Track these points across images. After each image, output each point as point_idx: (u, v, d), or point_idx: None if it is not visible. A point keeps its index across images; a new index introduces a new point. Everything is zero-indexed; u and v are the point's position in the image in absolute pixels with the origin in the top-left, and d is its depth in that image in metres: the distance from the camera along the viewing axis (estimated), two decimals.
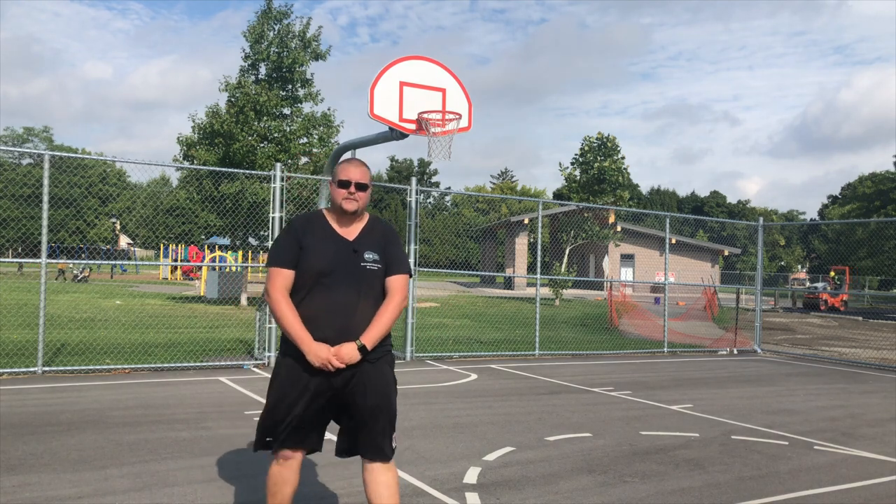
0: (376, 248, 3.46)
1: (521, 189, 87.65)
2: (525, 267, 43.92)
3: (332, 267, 3.35)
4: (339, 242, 3.43)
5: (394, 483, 3.44)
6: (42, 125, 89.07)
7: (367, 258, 3.41)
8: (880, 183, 67.55)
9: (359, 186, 3.44)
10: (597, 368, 11.43)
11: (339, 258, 3.38)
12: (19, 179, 50.59)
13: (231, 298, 23.86)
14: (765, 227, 15.74)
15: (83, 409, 6.99)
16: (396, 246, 3.53)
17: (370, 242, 3.46)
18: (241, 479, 4.85)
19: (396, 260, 3.49)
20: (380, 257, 3.45)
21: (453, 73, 10.21)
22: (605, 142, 34.06)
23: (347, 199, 3.43)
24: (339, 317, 3.32)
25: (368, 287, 3.39)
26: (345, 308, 3.34)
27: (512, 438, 6.27)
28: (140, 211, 54.81)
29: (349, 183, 3.43)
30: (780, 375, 11.33)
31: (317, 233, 3.44)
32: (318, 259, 3.35)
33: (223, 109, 22.17)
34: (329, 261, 3.36)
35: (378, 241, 3.49)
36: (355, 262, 3.39)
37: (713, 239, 67.72)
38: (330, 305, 3.33)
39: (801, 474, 5.45)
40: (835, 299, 35.03)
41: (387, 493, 3.41)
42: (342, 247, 3.41)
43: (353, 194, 3.44)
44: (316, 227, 3.46)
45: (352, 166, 3.48)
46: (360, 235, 3.47)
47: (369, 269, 3.40)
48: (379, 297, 3.44)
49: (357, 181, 3.44)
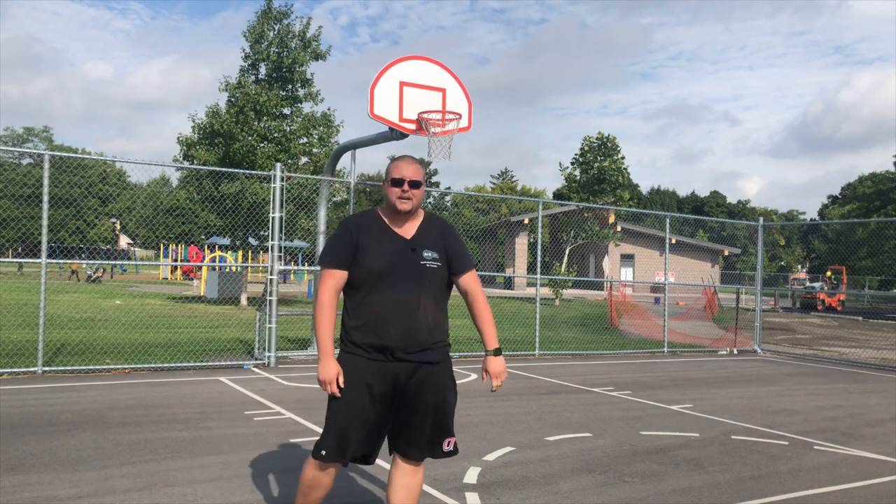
0: (435, 245, 3.41)
1: (521, 189, 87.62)
2: (525, 267, 43.92)
3: (392, 267, 3.29)
4: (396, 241, 3.36)
5: (416, 487, 3.43)
6: (42, 125, 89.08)
7: (426, 256, 3.36)
8: (880, 183, 67.56)
9: (412, 184, 3.35)
10: (597, 368, 11.43)
11: (397, 257, 3.32)
12: (19, 179, 50.57)
13: (231, 298, 23.86)
14: (765, 227, 15.73)
15: (83, 409, 6.99)
16: (457, 241, 3.49)
17: (428, 240, 3.41)
18: (241, 479, 4.85)
19: (461, 255, 3.47)
20: (439, 255, 3.40)
21: (453, 73, 10.21)
22: (605, 142, 34.07)
23: (401, 199, 3.35)
24: (402, 317, 3.28)
25: (429, 285, 3.36)
26: (406, 308, 3.29)
27: (512, 438, 6.26)
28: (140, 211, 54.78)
29: (402, 181, 3.35)
30: (780, 375, 11.33)
31: (373, 231, 3.36)
32: (376, 259, 3.29)
33: (223, 109, 22.17)
34: (388, 261, 3.29)
35: (436, 238, 3.43)
36: (415, 260, 3.34)
37: (713, 239, 67.70)
38: (392, 305, 3.27)
39: (801, 474, 5.45)
40: (832, 299, 34.98)
41: (405, 496, 3.41)
42: (400, 246, 3.35)
43: (407, 192, 3.35)
44: (372, 226, 3.38)
45: (404, 163, 3.39)
46: (417, 233, 3.41)
47: (429, 267, 3.35)
48: (439, 293, 3.41)
49: (410, 179, 3.35)
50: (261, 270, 34.24)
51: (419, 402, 3.33)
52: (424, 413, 3.34)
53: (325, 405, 3.43)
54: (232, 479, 4.86)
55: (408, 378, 3.31)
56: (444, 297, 3.45)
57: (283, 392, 8.25)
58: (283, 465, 5.23)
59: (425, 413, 3.34)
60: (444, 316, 3.47)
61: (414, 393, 3.33)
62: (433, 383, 3.35)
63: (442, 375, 3.39)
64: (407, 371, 3.31)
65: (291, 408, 7.30)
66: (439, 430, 3.38)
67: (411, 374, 3.31)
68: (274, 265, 10.44)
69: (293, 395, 8.09)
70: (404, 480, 3.42)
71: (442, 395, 3.38)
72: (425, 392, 3.33)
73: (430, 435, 3.37)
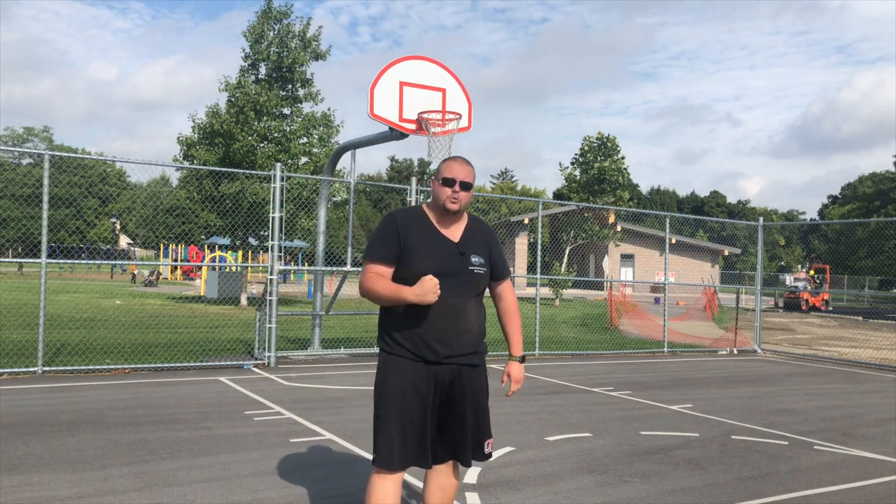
0: (481, 250, 3.41)
1: (521, 189, 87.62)
2: (525, 267, 43.92)
3: (440, 270, 3.24)
4: (444, 244, 3.32)
5: (451, 488, 3.46)
6: (42, 125, 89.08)
7: (474, 261, 3.35)
8: (880, 183, 67.55)
9: (463, 186, 3.31)
10: (597, 368, 11.43)
11: (446, 261, 3.28)
12: (19, 179, 50.56)
13: (231, 298, 23.86)
14: (765, 227, 15.73)
15: (83, 409, 6.99)
16: (499, 248, 3.52)
17: (475, 244, 3.39)
18: (241, 479, 4.85)
19: (502, 263, 3.52)
20: (485, 260, 3.41)
21: (453, 73, 10.21)
22: (605, 142, 34.06)
23: (451, 199, 3.31)
24: (450, 321, 3.27)
25: (475, 289, 3.38)
26: (454, 312, 3.28)
27: (512, 438, 6.26)
28: (140, 211, 54.78)
29: (454, 181, 3.30)
30: (780, 375, 11.33)
31: (420, 232, 3.31)
32: (425, 261, 3.24)
33: (223, 109, 22.17)
34: (437, 263, 3.25)
35: (482, 242, 3.43)
36: (463, 265, 3.31)
37: (713, 239, 67.64)
38: (440, 309, 3.24)
39: (801, 474, 5.45)
40: (815, 298, 34.79)
41: (440, 496, 3.45)
42: (449, 249, 3.32)
43: (457, 193, 3.31)
44: (419, 225, 3.33)
45: (457, 164, 3.35)
46: (464, 236, 3.38)
47: (476, 272, 3.35)
48: (480, 299, 3.46)
49: (462, 180, 3.31)
50: (261, 270, 34.23)
51: (462, 405, 3.35)
52: (465, 416, 3.36)
53: (325, 405, 3.46)
54: (232, 479, 4.86)
55: (451, 381, 3.33)
56: (482, 302, 3.50)
57: (283, 392, 8.25)
58: (283, 465, 5.23)
59: (468, 415, 3.37)
60: (484, 319, 3.51)
61: (456, 395, 3.35)
62: (474, 386, 3.40)
63: (481, 378, 3.46)
64: (450, 373, 3.32)
65: (291, 408, 7.30)
66: (481, 431, 3.42)
67: (454, 377, 3.33)
68: (274, 265, 10.44)
69: (293, 395, 8.09)
70: (439, 481, 3.44)
71: (483, 397, 3.45)
72: (466, 394, 3.36)
73: (473, 437, 3.39)
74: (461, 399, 3.34)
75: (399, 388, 3.24)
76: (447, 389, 3.33)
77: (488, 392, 3.51)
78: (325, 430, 6.37)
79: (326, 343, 12.45)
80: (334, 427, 6.47)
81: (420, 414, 3.26)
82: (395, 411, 3.23)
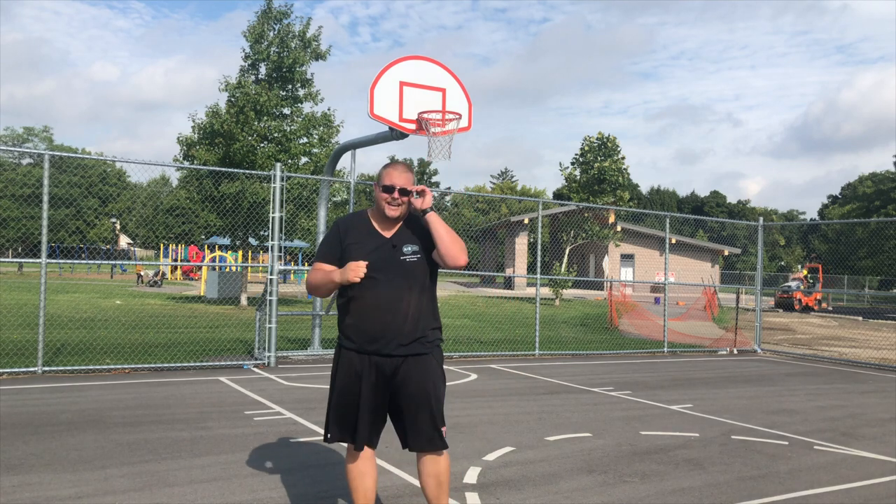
0: (415, 239, 3.54)
1: (521, 189, 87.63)
2: (525, 267, 43.91)
3: (374, 265, 3.44)
4: (378, 240, 3.52)
5: (443, 473, 3.59)
6: (42, 125, 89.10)
7: (406, 251, 3.49)
8: (880, 183, 67.51)
9: (402, 192, 3.49)
10: (597, 368, 11.43)
11: (379, 256, 3.47)
12: (19, 179, 50.54)
13: (231, 298, 23.86)
14: (765, 227, 15.73)
15: (83, 409, 6.99)
16: None
17: (408, 236, 3.54)
18: (241, 479, 4.85)
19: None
20: (419, 247, 3.52)
21: (453, 73, 10.20)
22: (605, 142, 34.05)
23: (390, 206, 3.50)
24: (386, 313, 3.44)
25: (412, 279, 3.50)
26: (390, 304, 3.45)
27: (512, 438, 6.26)
28: (140, 211, 54.78)
29: (393, 188, 3.48)
30: (780, 375, 11.33)
31: (359, 232, 3.55)
32: (358, 258, 3.44)
33: (223, 109, 22.17)
34: (370, 258, 3.44)
35: (417, 232, 3.56)
36: (395, 257, 3.48)
37: (713, 239, 67.66)
38: (376, 302, 3.44)
39: (801, 474, 5.45)
40: (808, 298, 34.74)
41: (433, 484, 3.58)
42: (381, 244, 3.51)
43: (397, 199, 3.49)
44: (359, 227, 3.57)
45: (395, 171, 3.53)
46: (398, 231, 3.56)
47: (409, 261, 3.49)
48: (424, 286, 3.54)
49: (401, 187, 3.48)
50: (261, 270, 34.24)
51: (408, 394, 3.50)
52: (416, 404, 3.50)
53: (324, 405, 3.49)
54: (232, 479, 4.86)
55: (394, 371, 3.49)
56: (429, 288, 3.59)
57: (283, 392, 8.25)
58: (283, 465, 5.23)
59: (417, 404, 3.50)
60: (431, 306, 3.61)
61: (402, 385, 3.50)
62: (421, 374, 3.51)
63: (430, 366, 3.55)
64: (393, 364, 3.48)
65: (291, 408, 7.30)
66: (430, 420, 3.53)
67: (397, 367, 3.49)
68: (274, 265, 10.44)
69: (293, 395, 8.09)
70: (428, 469, 3.59)
71: (432, 385, 3.53)
72: (412, 383, 3.49)
73: (427, 425, 3.52)
74: (407, 388, 3.50)
75: (346, 375, 3.53)
76: (393, 379, 3.50)
77: (444, 379, 3.65)
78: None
79: (326, 343, 12.45)
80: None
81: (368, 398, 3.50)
82: (341, 395, 3.54)
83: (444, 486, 3.59)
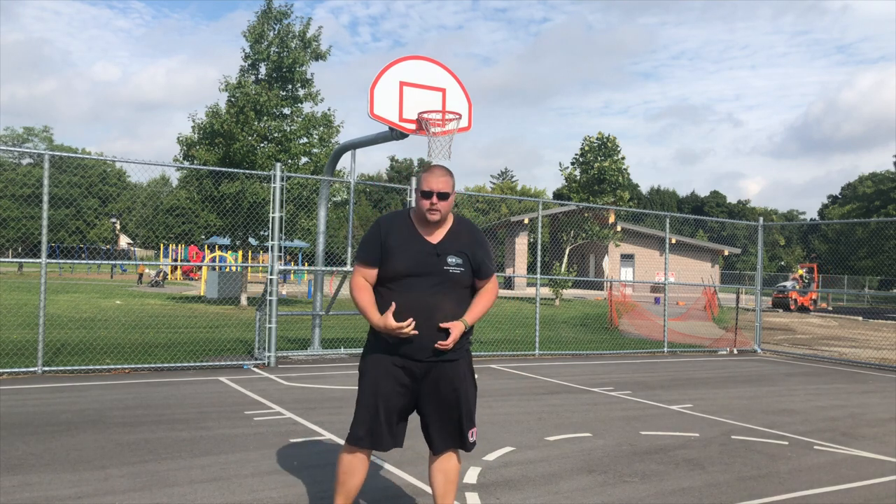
0: (461, 251, 3.55)
1: (521, 189, 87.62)
2: (525, 267, 43.91)
3: (416, 270, 3.46)
4: (422, 245, 3.52)
5: (452, 471, 3.65)
6: (42, 125, 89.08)
7: (450, 262, 3.51)
8: (880, 183, 67.48)
9: (440, 196, 3.50)
10: (597, 368, 11.43)
11: (422, 261, 3.48)
12: (19, 179, 50.53)
13: (231, 298, 23.86)
14: (765, 227, 15.73)
15: (83, 409, 6.99)
16: (483, 248, 3.63)
17: (455, 246, 3.56)
18: (241, 479, 4.85)
19: (485, 263, 3.63)
20: (463, 261, 3.54)
21: (453, 73, 10.21)
22: (605, 142, 34.06)
23: (430, 211, 3.51)
24: (421, 318, 3.44)
25: (451, 289, 3.51)
26: (426, 309, 3.45)
27: (512, 438, 6.26)
28: (140, 211, 54.77)
29: (431, 193, 3.50)
30: (780, 375, 11.33)
31: (402, 234, 3.53)
32: (401, 261, 3.46)
33: (223, 109, 22.17)
34: (412, 263, 3.47)
35: (464, 244, 3.58)
36: (439, 265, 3.50)
37: (713, 239, 67.67)
38: (413, 306, 3.44)
39: (801, 474, 5.45)
40: (804, 298, 34.71)
41: (442, 480, 3.64)
42: (425, 249, 3.51)
43: (436, 205, 3.50)
44: (401, 229, 3.56)
45: (433, 176, 3.52)
46: (444, 239, 3.57)
47: (451, 272, 3.51)
48: (462, 297, 3.57)
49: (439, 191, 3.49)
50: (261, 270, 34.24)
51: (437, 398, 3.55)
52: (444, 408, 3.56)
53: (325, 405, 3.50)
54: (232, 479, 4.86)
55: (424, 375, 3.52)
56: (466, 299, 3.61)
57: (283, 392, 8.25)
58: (283, 465, 5.23)
59: (445, 408, 3.56)
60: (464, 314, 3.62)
61: (432, 390, 3.54)
62: (450, 379, 3.55)
63: (459, 371, 3.58)
64: (423, 369, 3.51)
65: (291, 408, 7.30)
66: (461, 421, 3.58)
67: (427, 372, 3.51)
68: (274, 265, 10.44)
69: (293, 395, 8.09)
70: (438, 466, 3.66)
71: (462, 390, 3.57)
72: (442, 388, 3.53)
73: (454, 427, 3.58)
74: (437, 391, 3.54)
75: (379, 376, 3.52)
76: (423, 384, 3.53)
77: (475, 383, 3.69)
78: (325, 430, 6.37)
79: (326, 343, 12.45)
80: (334, 427, 6.46)
81: (397, 401, 3.52)
82: (371, 396, 3.52)
83: (451, 484, 3.64)
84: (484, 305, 3.62)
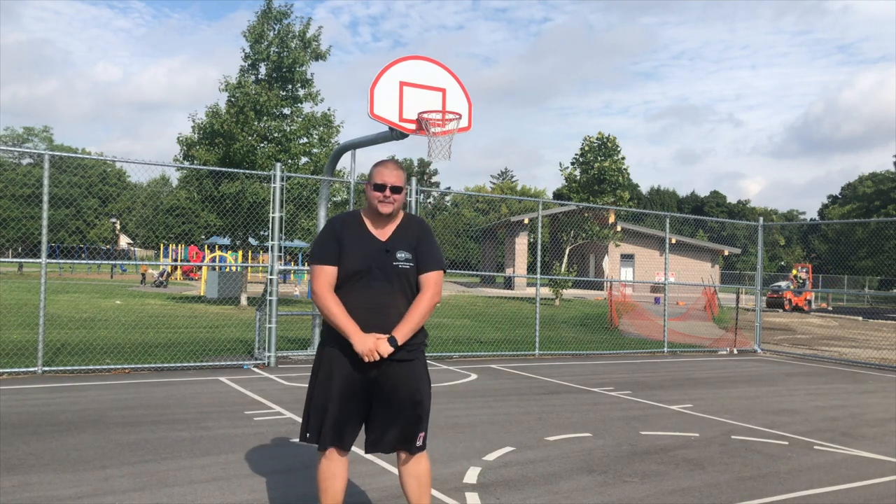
0: (409, 246, 3.55)
1: (521, 189, 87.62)
2: (525, 267, 43.91)
3: (366, 267, 3.46)
4: (372, 243, 3.53)
5: (424, 475, 3.60)
6: (42, 125, 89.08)
7: (399, 257, 3.51)
8: (880, 183, 67.49)
9: (394, 189, 3.53)
10: (597, 368, 11.43)
11: (371, 258, 3.48)
12: (19, 179, 50.51)
13: (231, 298, 23.86)
14: (765, 227, 15.73)
15: (83, 409, 6.99)
16: (429, 243, 3.60)
17: (403, 242, 3.56)
18: (241, 479, 4.85)
19: (429, 256, 3.58)
20: (412, 255, 3.54)
21: (453, 73, 10.20)
22: (605, 142, 34.06)
23: (383, 203, 3.53)
24: (374, 315, 3.44)
25: (401, 285, 3.50)
26: (379, 307, 3.45)
27: (512, 438, 6.26)
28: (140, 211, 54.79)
29: (384, 186, 3.52)
30: (780, 375, 11.33)
31: (353, 232, 3.55)
32: (352, 259, 3.47)
33: (223, 109, 22.17)
34: (363, 261, 3.47)
35: (411, 239, 3.58)
36: (388, 261, 3.49)
37: (713, 239, 67.68)
38: (365, 305, 3.44)
39: (801, 474, 5.45)
40: (798, 298, 34.67)
41: (415, 485, 3.59)
42: (375, 247, 3.51)
43: (389, 197, 3.53)
44: (352, 227, 3.57)
45: (386, 169, 3.57)
46: (392, 235, 3.58)
47: (401, 268, 3.50)
48: (413, 293, 3.55)
49: (392, 184, 3.53)
50: (261, 270, 34.24)
51: (390, 398, 3.49)
52: (397, 408, 3.50)
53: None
54: (232, 479, 4.86)
55: (378, 374, 3.47)
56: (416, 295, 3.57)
57: (283, 392, 8.25)
58: (283, 465, 5.23)
59: (398, 408, 3.50)
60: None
61: (385, 389, 3.49)
62: (405, 379, 3.50)
63: (414, 371, 3.53)
64: (377, 367, 3.46)
65: (291, 408, 7.30)
66: (412, 424, 3.52)
67: (382, 371, 3.47)
68: (274, 265, 10.44)
69: (293, 395, 8.09)
70: (409, 471, 3.59)
71: (415, 391, 3.52)
72: (397, 388, 3.49)
73: (403, 429, 3.52)
74: (392, 393, 3.49)
75: (329, 375, 3.48)
76: (377, 383, 3.49)
77: (429, 385, 3.62)
78: None
79: None
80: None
81: (349, 400, 3.47)
82: (322, 394, 3.48)
83: (425, 488, 3.61)
84: (418, 315, 3.47)
